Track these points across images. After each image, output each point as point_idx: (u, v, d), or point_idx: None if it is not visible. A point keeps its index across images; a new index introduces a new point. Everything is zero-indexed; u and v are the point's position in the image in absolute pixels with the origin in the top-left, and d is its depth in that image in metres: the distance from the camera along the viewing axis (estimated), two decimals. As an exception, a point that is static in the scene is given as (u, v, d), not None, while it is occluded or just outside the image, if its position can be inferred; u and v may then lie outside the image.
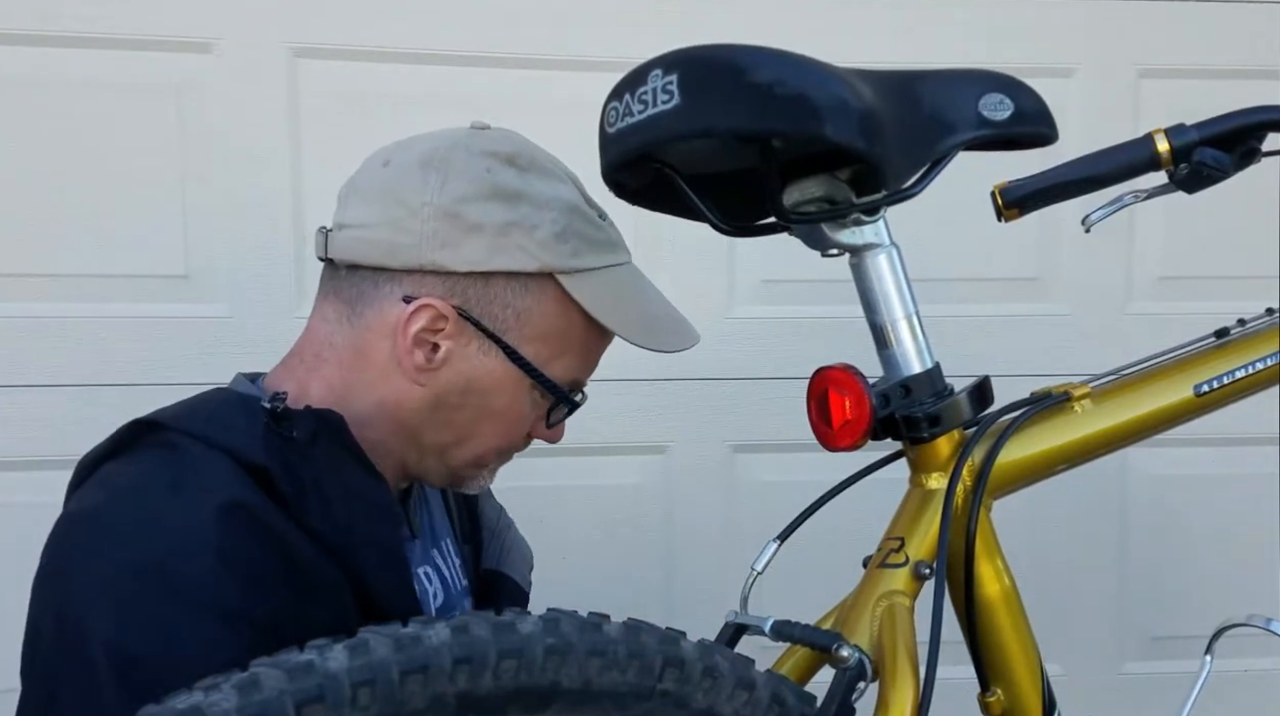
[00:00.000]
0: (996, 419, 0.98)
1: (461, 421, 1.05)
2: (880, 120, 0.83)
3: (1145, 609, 2.05)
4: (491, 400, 1.04)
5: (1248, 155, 1.01)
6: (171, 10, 1.69)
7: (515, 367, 1.03)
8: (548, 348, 1.04)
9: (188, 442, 0.95)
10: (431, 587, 1.13)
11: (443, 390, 1.03)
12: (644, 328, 1.06)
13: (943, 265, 1.82)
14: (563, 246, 1.01)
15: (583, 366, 1.08)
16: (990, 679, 0.98)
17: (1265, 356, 1.06)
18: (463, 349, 1.01)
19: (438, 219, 0.99)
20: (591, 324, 1.04)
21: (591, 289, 1.03)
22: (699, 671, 0.76)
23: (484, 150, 1.01)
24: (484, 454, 1.08)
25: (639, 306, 1.08)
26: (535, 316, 1.02)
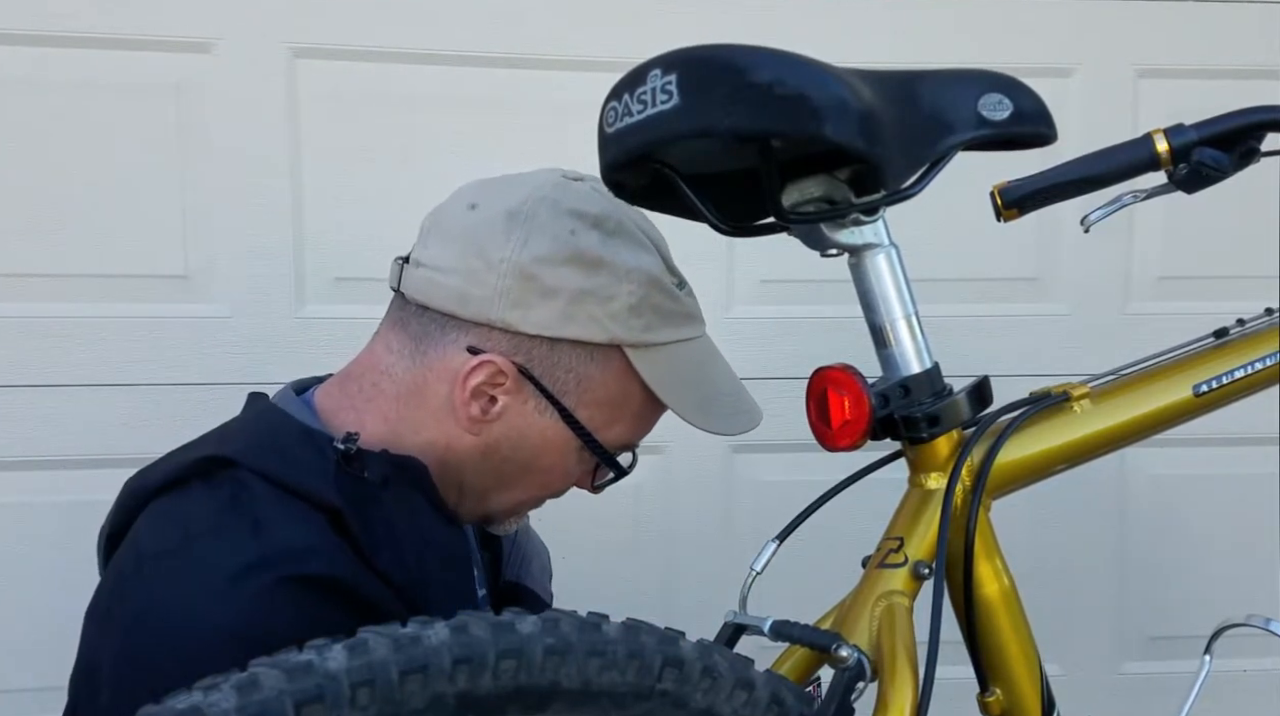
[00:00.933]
0: (995, 419, 0.98)
1: (507, 472, 1.05)
2: (879, 120, 0.83)
3: (1144, 609, 2.06)
4: (540, 457, 1.05)
5: (1247, 155, 1.01)
6: (171, 10, 1.69)
7: (568, 430, 1.03)
8: (603, 414, 1.04)
9: (261, 487, 0.95)
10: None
11: (493, 441, 1.03)
12: (701, 406, 1.06)
13: (942, 265, 1.83)
14: (636, 320, 1.01)
15: (636, 432, 1.09)
16: (989, 679, 0.98)
17: (1264, 356, 1.06)
18: (520, 406, 1.02)
19: (514, 277, 0.98)
20: (651, 395, 1.04)
21: (657, 363, 1.04)
22: (698, 671, 0.76)
23: (571, 209, 1.01)
24: (523, 502, 1.09)
25: (702, 384, 1.08)
26: (596, 384, 1.03)
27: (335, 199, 1.76)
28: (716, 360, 1.11)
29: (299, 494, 0.95)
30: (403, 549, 0.96)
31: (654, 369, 1.03)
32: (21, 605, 1.67)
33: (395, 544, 0.96)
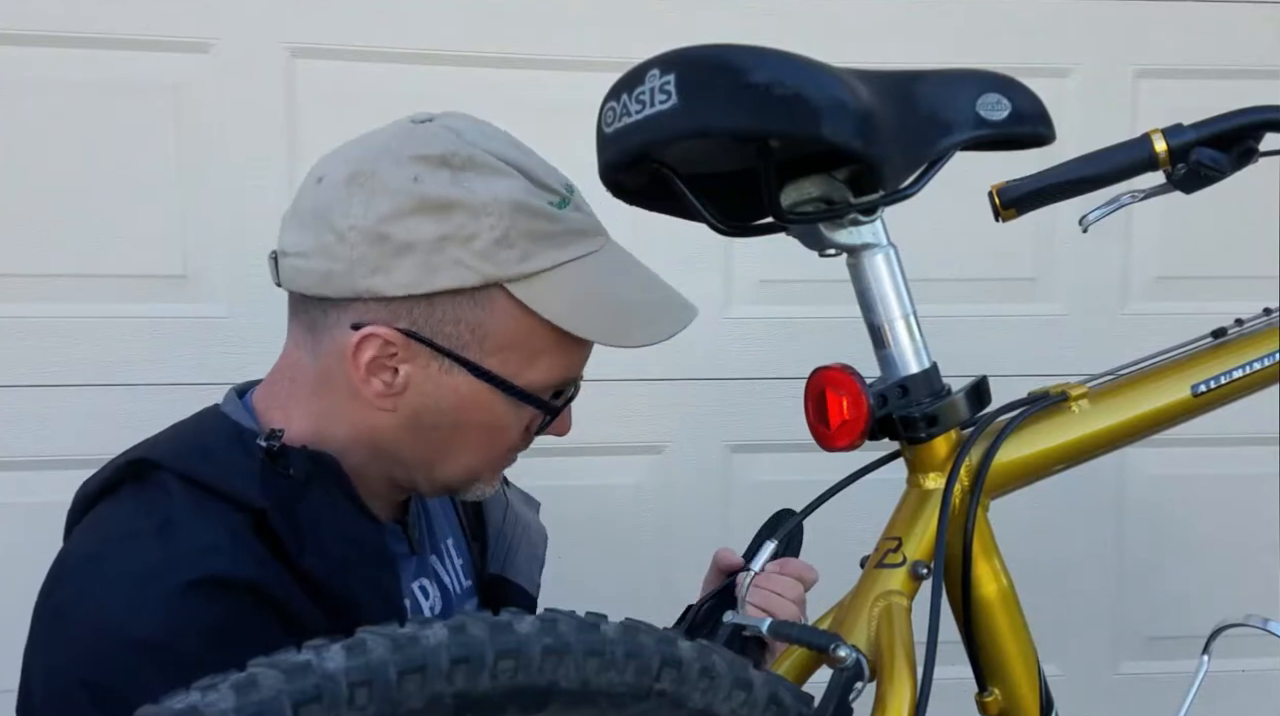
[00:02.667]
0: (994, 419, 0.98)
1: (441, 439, 1.00)
2: (878, 120, 0.83)
3: (1143, 609, 2.06)
4: (466, 416, 0.99)
5: (1245, 155, 1.01)
6: (169, 10, 1.69)
7: (484, 383, 0.98)
8: (515, 357, 0.98)
9: (181, 488, 0.94)
10: (428, 601, 1.10)
11: (413, 413, 0.99)
12: (612, 324, 1.00)
13: (940, 265, 1.83)
14: (506, 253, 0.95)
15: (564, 366, 1.01)
16: (987, 678, 0.98)
17: (1263, 356, 1.06)
18: (423, 371, 0.97)
19: (366, 243, 0.94)
20: (562, 334, 0.98)
21: (546, 292, 0.97)
22: (696, 671, 0.76)
23: (413, 155, 0.95)
24: (474, 468, 1.04)
25: (608, 300, 1.01)
26: (492, 329, 0.97)
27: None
28: (623, 270, 1.03)
29: (221, 495, 0.93)
30: (327, 546, 0.94)
31: (544, 298, 0.96)
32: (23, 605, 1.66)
33: (320, 541, 0.94)
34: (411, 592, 1.08)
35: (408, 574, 1.08)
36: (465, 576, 1.19)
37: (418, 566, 1.11)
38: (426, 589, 1.11)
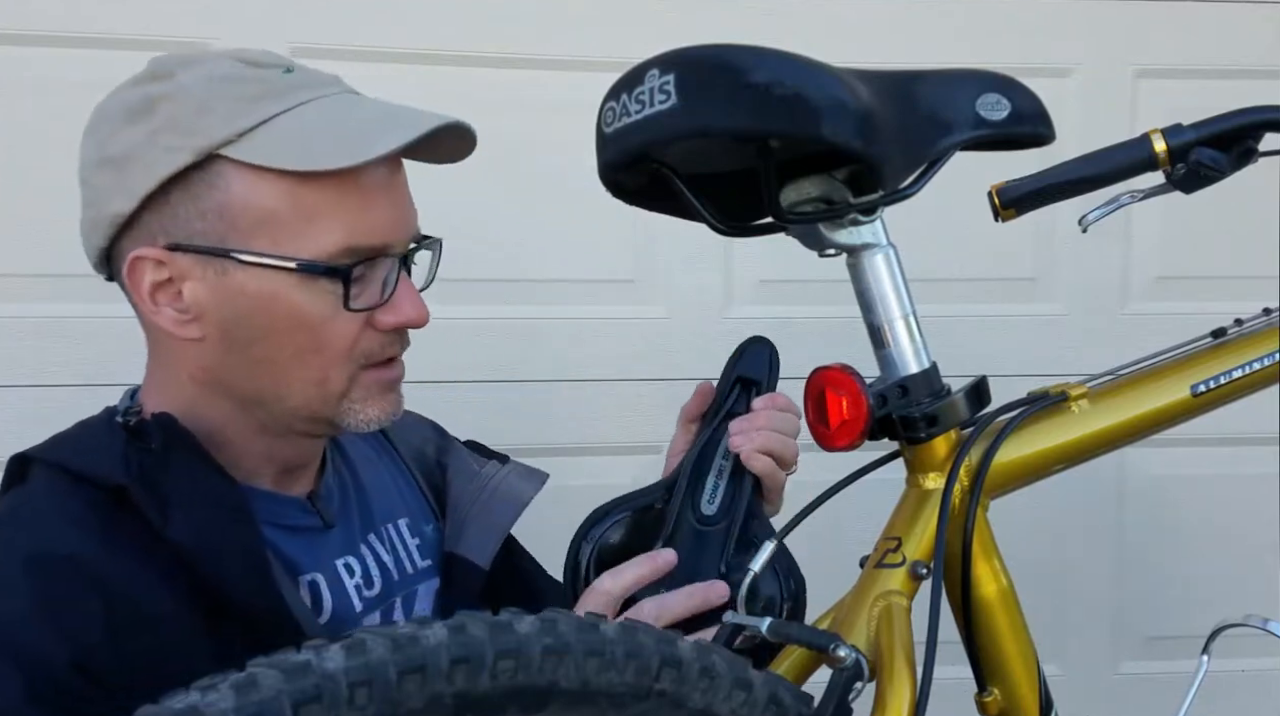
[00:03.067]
0: (994, 419, 0.98)
1: (265, 356, 0.95)
2: (877, 120, 0.83)
3: (1142, 609, 2.06)
4: (272, 318, 0.94)
5: (1245, 155, 1.01)
6: (169, 10, 1.69)
7: (263, 269, 0.92)
8: (281, 229, 0.92)
9: (47, 476, 0.95)
10: (354, 579, 1.06)
11: (221, 333, 0.95)
12: (345, 147, 0.92)
13: (940, 265, 1.83)
14: (208, 118, 0.91)
15: (344, 225, 0.94)
16: (987, 678, 0.98)
17: (1263, 356, 1.06)
18: (201, 282, 0.94)
19: (98, 174, 0.94)
20: (311, 177, 0.92)
21: (269, 143, 0.91)
22: (696, 671, 0.76)
23: (123, 86, 0.96)
24: (322, 381, 0.97)
25: (338, 130, 0.94)
26: (236, 206, 0.92)
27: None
28: (356, 105, 0.98)
29: (85, 478, 0.92)
30: (193, 512, 0.91)
31: (268, 150, 0.91)
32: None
33: (185, 509, 0.91)
34: (330, 568, 1.05)
35: (318, 549, 1.05)
36: (423, 556, 1.15)
37: (340, 542, 1.07)
38: (352, 566, 1.07)
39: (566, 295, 1.83)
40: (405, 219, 1.00)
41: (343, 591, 1.05)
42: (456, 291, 1.81)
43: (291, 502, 1.05)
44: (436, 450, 1.24)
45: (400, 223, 0.99)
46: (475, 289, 1.80)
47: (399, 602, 1.11)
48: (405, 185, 1.01)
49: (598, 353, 1.83)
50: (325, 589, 1.03)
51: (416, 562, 1.14)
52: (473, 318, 1.81)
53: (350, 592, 1.05)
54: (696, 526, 1.10)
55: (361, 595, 1.06)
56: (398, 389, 1.04)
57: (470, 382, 1.79)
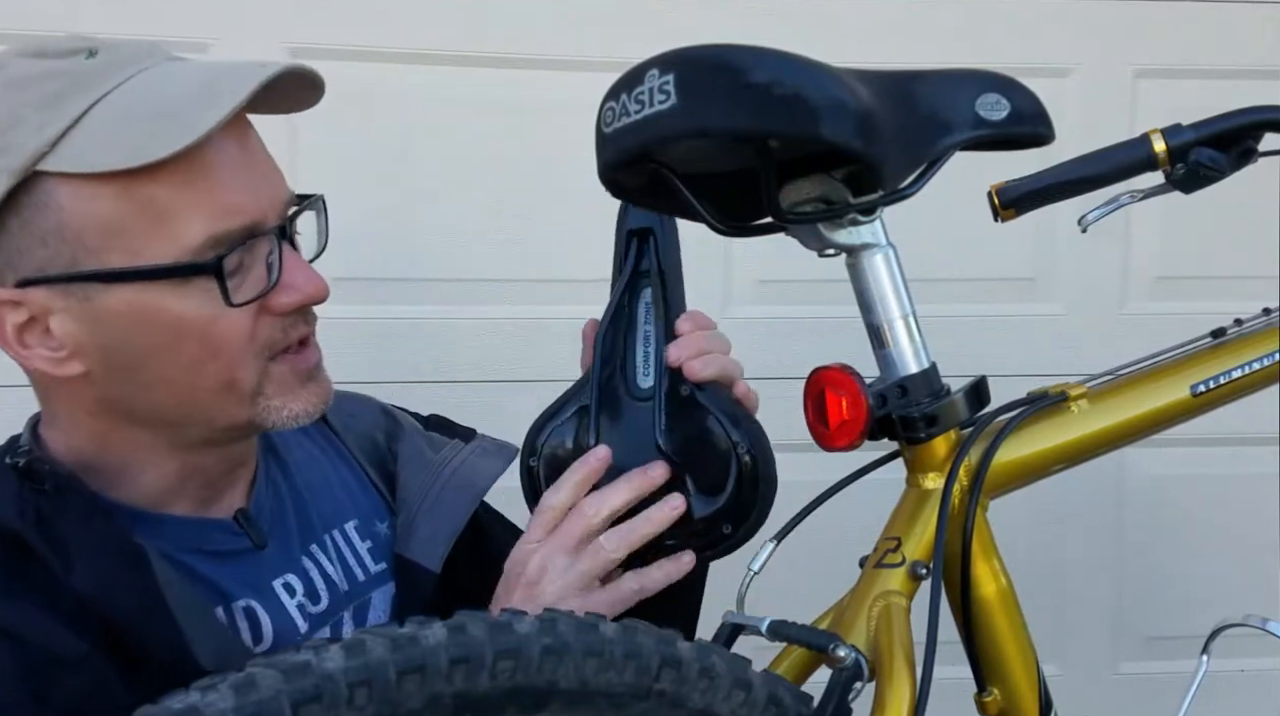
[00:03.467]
0: (993, 419, 0.98)
1: (156, 373, 0.88)
2: (877, 120, 0.83)
3: (1142, 609, 2.06)
4: (155, 334, 0.86)
5: (1244, 155, 1.01)
6: (167, 10, 1.69)
7: (126, 285, 0.84)
8: (133, 236, 0.83)
9: None
10: (295, 599, 0.99)
11: (104, 362, 0.87)
12: (173, 124, 0.82)
13: (939, 265, 1.83)
14: (15, 132, 0.81)
15: (200, 217, 0.85)
16: (987, 678, 0.98)
17: (1262, 356, 1.06)
18: (66, 313, 0.85)
19: None
20: (145, 171, 0.82)
21: (85, 143, 0.82)
22: (696, 671, 0.76)
23: None
24: (229, 384, 0.89)
25: (160, 104, 0.84)
26: (76, 223, 0.82)
27: (331, 199, 1.76)
28: (170, 79, 0.86)
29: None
30: (93, 561, 0.84)
31: (89, 153, 0.81)
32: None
33: (86, 557, 0.83)
34: (266, 590, 0.98)
35: (250, 572, 0.98)
36: (376, 559, 1.08)
37: (276, 561, 1.00)
38: (292, 585, 1.00)
39: (566, 295, 1.82)
40: (269, 187, 0.92)
41: (283, 613, 0.98)
42: (456, 291, 1.82)
43: (215, 526, 0.97)
44: (387, 436, 1.15)
45: (263, 193, 0.91)
46: (475, 289, 1.80)
47: (348, 615, 1.04)
48: (260, 149, 0.93)
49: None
50: (262, 613, 0.96)
51: (369, 567, 1.08)
52: (472, 317, 1.81)
53: (293, 613, 0.99)
54: (634, 403, 1.04)
55: (306, 613, 1.00)
56: (319, 376, 0.97)
57: (470, 383, 1.79)
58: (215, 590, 0.95)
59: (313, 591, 1.02)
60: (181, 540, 0.94)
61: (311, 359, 0.96)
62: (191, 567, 0.93)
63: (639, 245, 1.08)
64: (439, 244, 1.78)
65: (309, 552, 1.03)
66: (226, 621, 0.94)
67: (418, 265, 1.80)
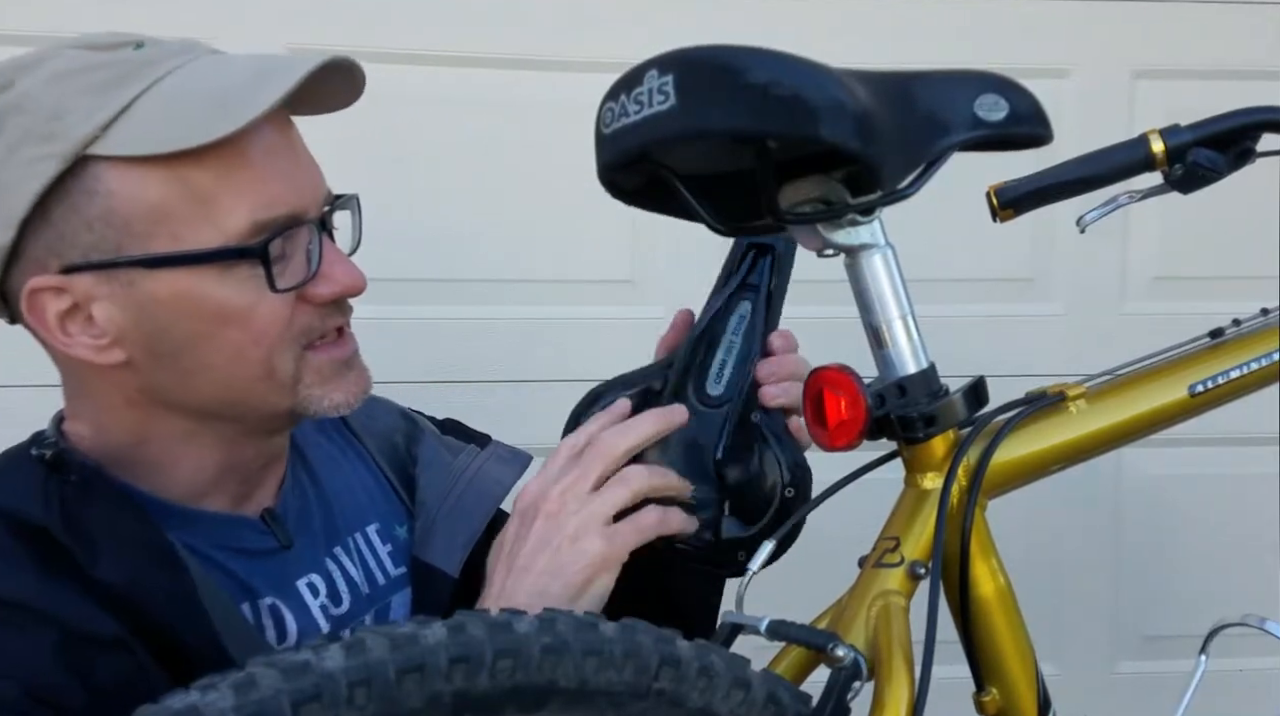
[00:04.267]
0: (992, 419, 0.98)
1: (199, 360, 0.88)
2: (876, 121, 0.83)
3: (1140, 608, 2.06)
4: (197, 320, 0.87)
5: (1243, 156, 1.01)
6: (165, 10, 1.69)
7: (170, 270, 0.85)
8: (178, 221, 0.85)
9: None
10: (319, 599, 1.00)
11: (146, 349, 0.88)
12: (222, 110, 0.83)
13: (938, 266, 1.83)
14: (65, 119, 0.83)
15: (246, 201, 0.86)
16: (985, 678, 0.98)
17: (1260, 356, 1.06)
18: (110, 300, 0.86)
19: None
20: (193, 155, 0.83)
21: (135, 128, 0.83)
22: (695, 671, 0.76)
23: None
24: (270, 371, 0.90)
25: (209, 92, 0.85)
26: (123, 208, 0.84)
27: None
28: (219, 69, 0.89)
29: (9, 516, 0.85)
30: (119, 550, 0.85)
31: (139, 137, 0.83)
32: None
33: (112, 547, 0.85)
34: (291, 589, 0.99)
35: (276, 571, 0.98)
36: (396, 563, 1.08)
37: (302, 561, 1.01)
38: (316, 585, 1.01)
39: (566, 295, 1.83)
40: (310, 180, 0.93)
41: (306, 613, 0.99)
42: (456, 291, 1.82)
43: (245, 524, 0.98)
44: (406, 439, 1.16)
45: (305, 185, 0.92)
46: (475, 289, 1.80)
47: (369, 619, 1.05)
48: (300, 144, 0.94)
49: (596, 353, 1.82)
50: (287, 612, 0.97)
51: (389, 571, 1.08)
52: (472, 317, 1.81)
53: (315, 613, 1.00)
54: (698, 406, 1.03)
55: (328, 614, 1.00)
56: (357, 364, 0.97)
57: (469, 383, 1.79)
58: (243, 587, 0.95)
59: (335, 593, 1.02)
60: (212, 536, 0.95)
61: (348, 348, 0.97)
62: (220, 563, 0.94)
63: (754, 259, 1.08)
64: (439, 244, 1.78)
65: (333, 554, 1.04)
66: (252, 618, 0.95)
67: (417, 265, 1.80)
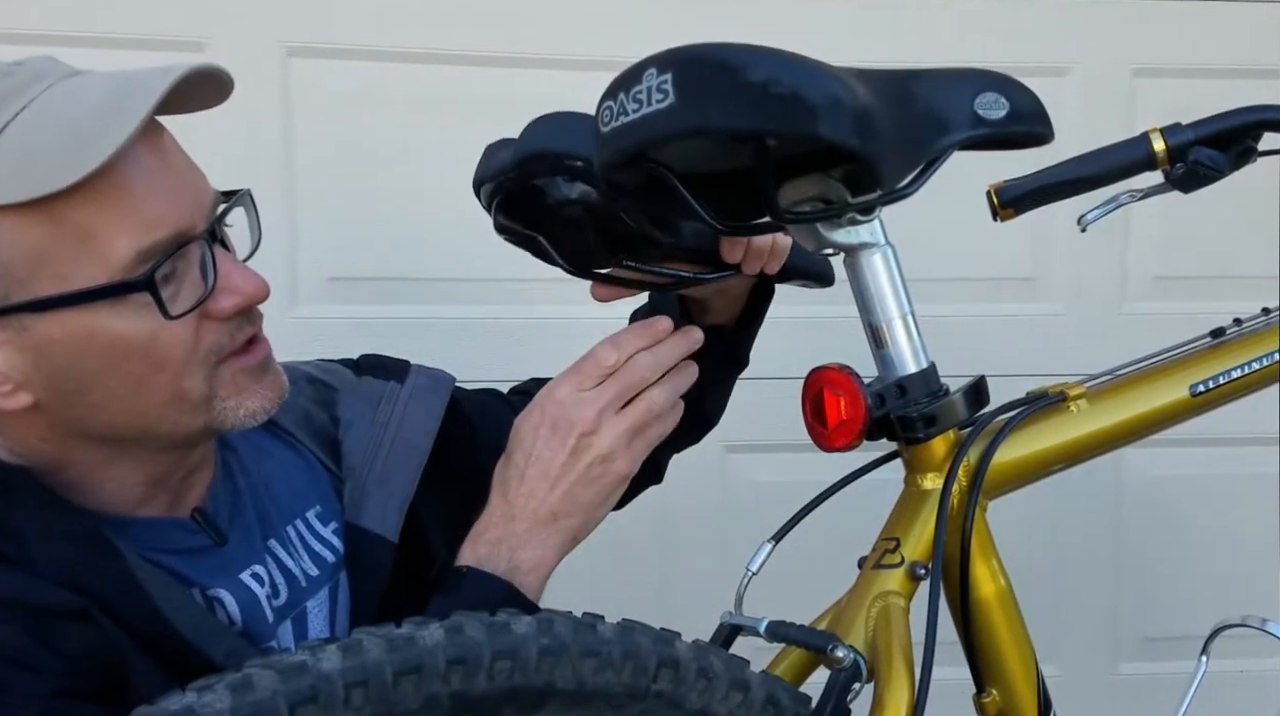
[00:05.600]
0: (992, 419, 0.98)
1: (105, 395, 0.87)
2: (875, 119, 0.83)
3: (1141, 609, 2.06)
4: (92, 357, 0.85)
5: (1244, 154, 1.01)
6: (164, 10, 1.69)
7: (60, 311, 0.83)
8: (58, 263, 0.82)
9: None
10: (264, 588, 0.99)
11: (50, 389, 0.86)
12: (82, 146, 0.80)
13: (938, 265, 1.83)
14: None
15: (126, 229, 0.83)
16: (986, 679, 0.98)
17: (1261, 356, 1.06)
18: (6, 344, 0.84)
19: None
20: (60, 196, 0.80)
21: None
22: (694, 672, 0.75)
23: None
24: (179, 394, 0.88)
25: (66, 126, 0.81)
26: (0, 255, 0.81)
27: (329, 199, 1.76)
28: (74, 97, 0.83)
29: None
30: (48, 545, 0.84)
31: (3, 183, 0.80)
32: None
33: (42, 541, 0.84)
34: (235, 582, 0.97)
35: (215, 566, 0.97)
36: (342, 541, 1.07)
37: (241, 553, 0.99)
38: (260, 576, 0.99)
39: (566, 295, 1.82)
40: (192, 191, 0.90)
41: (254, 603, 0.98)
42: (456, 291, 1.81)
43: (177, 525, 0.97)
44: (322, 405, 1.13)
45: (186, 199, 0.88)
46: (474, 288, 1.80)
47: (313, 604, 1.04)
48: (176, 152, 0.90)
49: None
50: (232, 603, 0.96)
51: (337, 550, 1.07)
52: (472, 317, 1.81)
53: (262, 603, 0.99)
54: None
55: (271, 605, 1.00)
56: (272, 368, 0.96)
57: (468, 383, 1.79)
58: (184, 580, 0.94)
59: (274, 585, 1.01)
60: (145, 541, 0.94)
61: (260, 354, 0.95)
62: (157, 562, 0.93)
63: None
64: (439, 244, 1.78)
65: (268, 546, 1.03)
66: (203, 604, 0.95)
67: (417, 265, 1.80)
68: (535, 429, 1.00)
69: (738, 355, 1.23)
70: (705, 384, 1.05)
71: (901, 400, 0.92)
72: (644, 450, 1.01)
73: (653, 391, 1.01)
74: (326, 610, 1.05)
